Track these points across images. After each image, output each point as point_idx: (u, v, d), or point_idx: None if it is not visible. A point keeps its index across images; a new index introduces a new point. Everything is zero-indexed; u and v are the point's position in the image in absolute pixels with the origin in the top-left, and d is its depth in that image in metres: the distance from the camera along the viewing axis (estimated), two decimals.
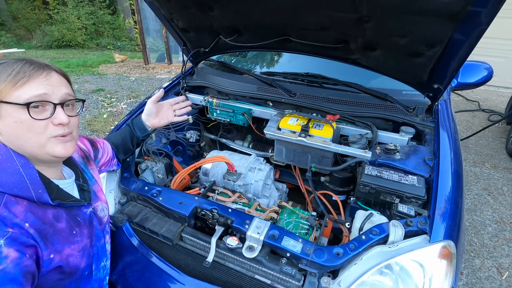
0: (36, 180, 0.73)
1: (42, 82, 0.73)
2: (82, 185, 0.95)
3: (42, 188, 0.74)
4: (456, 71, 1.23)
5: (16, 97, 0.70)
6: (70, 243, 0.81)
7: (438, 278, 0.89)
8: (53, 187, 0.79)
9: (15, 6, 11.83)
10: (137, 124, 1.33)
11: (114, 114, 4.47)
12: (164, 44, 7.12)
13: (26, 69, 0.72)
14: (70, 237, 0.82)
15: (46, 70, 0.75)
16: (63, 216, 0.81)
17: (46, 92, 0.73)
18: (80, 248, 0.85)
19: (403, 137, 1.47)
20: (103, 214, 1.02)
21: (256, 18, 1.41)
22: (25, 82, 0.71)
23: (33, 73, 0.72)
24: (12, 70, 0.71)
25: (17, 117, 0.71)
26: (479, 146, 3.74)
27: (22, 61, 0.73)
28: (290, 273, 1.00)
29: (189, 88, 2.01)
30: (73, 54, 9.57)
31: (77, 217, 0.87)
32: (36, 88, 0.72)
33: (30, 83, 0.72)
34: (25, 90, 0.71)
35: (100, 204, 1.01)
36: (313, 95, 1.66)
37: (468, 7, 0.93)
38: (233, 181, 1.46)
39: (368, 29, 1.18)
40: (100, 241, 0.99)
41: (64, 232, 0.80)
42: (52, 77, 0.76)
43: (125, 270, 1.14)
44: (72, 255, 0.81)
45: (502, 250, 2.22)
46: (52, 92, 0.75)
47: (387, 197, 1.19)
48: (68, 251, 0.80)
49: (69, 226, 0.82)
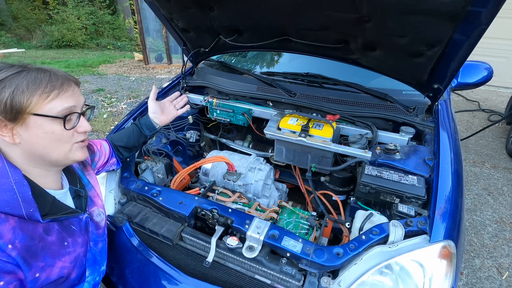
0: (28, 199, 0.73)
1: (70, 95, 0.79)
2: (78, 191, 0.95)
3: (34, 207, 0.74)
4: (456, 71, 1.23)
5: (49, 109, 0.74)
6: (61, 256, 0.81)
7: (438, 278, 0.89)
8: (48, 200, 0.80)
9: (15, 6, 11.83)
10: (145, 123, 1.34)
11: (114, 114, 4.47)
12: (164, 44, 7.12)
13: (55, 82, 0.76)
14: (61, 249, 0.81)
15: (72, 84, 0.81)
16: (54, 229, 0.81)
17: (74, 104, 0.80)
18: (72, 259, 0.85)
19: (403, 137, 1.47)
20: (100, 219, 1.02)
21: (256, 18, 1.41)
22: (56, 95, 0.75)
23: (62, 87, 0.77)
24: (39, 82, 0.73)
25: (48, 128, 0.75)
26: (479, 146, 3.74)
27: (46, 73, 0.76)
28: (290, 273, 1.00)
29: (189, 88, 2.01)
30: (73, 54, 9.56)
31: (72, 226, 0.87)
32: (66, 102, 0.77)
33: (61, 97, 0.76)
34: (57, 103, 0.75)
35: (96, 209, 1.02)
36: (313, 95, 1.66)
37: (468, 7, 0.93)
38: (233, 181, 1.46)
39: (368, 29, 1.18)
40: (98, 246, 0.99)
41: (55, 245, 0.80)
42: (76, 89, 0.82)
43: (125, 270, 1.14)
44: (65, 267, 0.82)
45: (502, 250, 2.22)
46: (78, 103, 0.81)
47: (387, 197, 1.19)
48: (60, 264, 0.80)
49: (60, 238, 0.82)
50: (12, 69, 0.72)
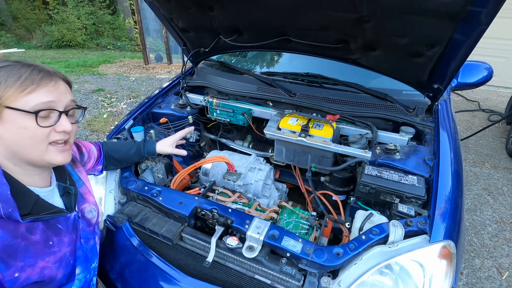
0: (7, 198, 0.70)
1: (50, 90, 0.74)
2: (68, 188, 0.92)
3: (13, 207, 0.71)
4: (456, 71, 1.23)
5: (24, 103, 0.70)
6: (45, 255, 0.78)
7: (438, 278, 0.89)
8: (31, 200, 0.77)
9: (15, 6, 11.83)
10: (148, 150, 1.38)
11: (114, 114, 4.47)
12: (164, 44, 7.11)
13: (35, 76, 0.72)
14: (45, 249, 0.79)
15: (55, 79, 0.76)
16: (38, 228, 0.78)
17: (53, 99, 0.74)
18: (57, 259, 0.82)
19: (403, 137, 1.47)
20: (92, 216, 1.00)
21: (256, 18, 1.41)
22: (33, 89, 0.71)
23: (42, 81, 0.72)
24: (19, 75, 0.70)
25: (21, 124, 0.70)
26: (479, 146, 3.74)
27: (30, 67, 0.73)
28: (290, 273, 1.00)
29: (189, 88, 2.01)
30: (73, 54, 9.56)
31: (58, 225, 0.84)
32: (44, 96, 0.72)
33: (38, 91, 0.71)
34: (33, 97, 0.71)
35: (87, 205, 1.00)
36: (313, 95, 1.66)
37: (468, 7, 0.93)
38: (233, 181, 1.46)
39: (368, 29, 1.18)
40: (89, 243, 0.97)
41: (38, 245, 0.77)
42: (60, 85, 0.77)
43: (125, 270, 1.14)
44: (47, 267, 0.78)
45: (502, 250, 2.22)
46: (59, 100, 0.75)
47: (387, 197, 1.19)
48: (43, 264, 0.77)
49: (45, 237, 0.79)
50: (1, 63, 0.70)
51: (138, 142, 1.39)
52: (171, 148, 1.43)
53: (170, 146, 1.43)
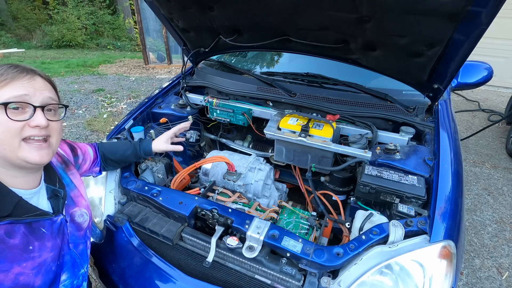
0: None
1: (23, 84, 0.73)
2: (56, 191, 0.89)
3: None
4: (456, 71, 1.23)
5: None
6: (22, 261, 0.74)
7: (438, 278, 0.89)
8: (11, 201, 0.74)
9: (15, 6, 11.83)
10: (144, 149, 1.36)
11: (114, 114, 4.47)
12: (164, 44, 7.12)
13: (10, 71, 0.72)
14: (24, 254, 0.75)
15: (30, 74, 0.75)
16: (19, 231, 0.74)
17: (26, 93, 0.72)
18: (36, 265, 0.77)
19: (403, 137, 1.47)
20: (83, 220, 0.98)
21: (256, 18, 1.41)
22: (6, 83, 0.71)
23: (16, 75, 0.73)
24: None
25: None
26: (479, 146, 3.74)
27: (8, 65, 0.74)
28: (290, 273, 1.00)
29: (189, 88, 2.01)
30: (73, 54, 9.56)
31: (42, 229, 0.80)
32: (16, 89, 0.71)
33: (11, 84, 0.71)
34: (5, 91, 0.70)
35: (78, 209, 0.98)
36: (313, 95, 1.66)
37: (468, 7, 0.93)
38: (233, 181, 1.46)
39: (368, 29, 1.18)
40: (79, 247, 0.95)
41: (16, 249, 0.73)
42: (36, 80, 0.76)
43: (125, 270, 1.14)
44: (23, 273, 0.74)
45: (502, 250, 2.22)
46: (34, 94, 0.74)
47: (387, 197, 1.19)
48: (18, 270, 0.73)
49: (25, 242, 0.75)
50: None
51: (134, 142, 1.37)
52: (166, 145, 1.41)
53: (165, 142, 1.41)
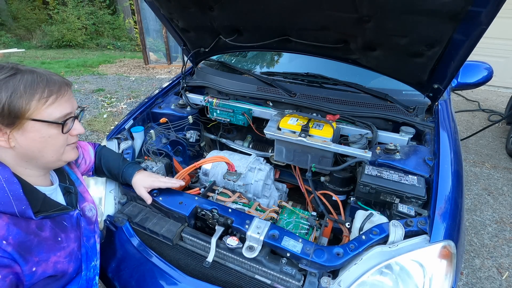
0: (20, 196, 0.74)
1: (67, 100, 0.80)
2: (68, 188, 0.96)
3: (25, 204, 0.74)
4: (456, 71, 1.23)
5: (48, 115, 0.75)
6: (56, 251, 0.82)
7: (438, 278, 0.89)
8: (39, 198, 0.80)
9: (15, 6, 11.82)
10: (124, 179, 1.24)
11: (114, 114, 4.47)
12: (164, 44, 7.11)
13: (52, 87, 0.76)
14: (56, 245, 0.83)
15: (66, 87, 0.81)
16: (47, 225, 0.82)
17: (72, 108, 0.82)
18: (67, 253, 0.86)
19: (403, 137, 1.47)
20: (91, 214, 1.03)
21: (256, 18, 1.41)
22: (54, 100, 0.76)
23: (59, 92, 0.78)
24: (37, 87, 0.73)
25: (46, 133, 0.76)
26: (479, 146, 3.74)
27: (42, 77, 0.75)
28: (290, 273, 1.00)
29: (189, 88, 2.01)
30: (73, 54, 9.56)
31: (64, 222, 0.88)
32: (65, 107, 0.79)
33: (59, 101, 0.77)
34: (55, 108, 0.76)
35: (87, 204, 1.02)
36: (313, 95, 1.66)
37: (468, 7, 0.93)
38: (233, 181, 1.46)
39: (368, 29, 1.18)
40: (90, 241, 0.99)
41: (49, 241, 0.81)
42: (71, 93, 0.84)
43: (125, 270, 1.14)
44: (59, 261, 0.83)
45: (502, 250, 2.22)
46: (74, 107, 0.83)
47: (387, 197, 1.19)
48: (55, 259, 0.81)
49: (54, 234, 0.83)
50: (5, 71, 0.71)
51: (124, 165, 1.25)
52: (143, 190, 1.20)
53: (143, 187, 1.21)
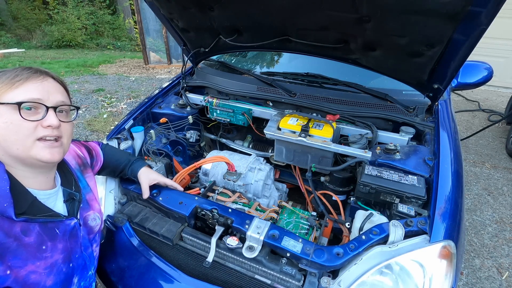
0: (5, 193, 0.70)
1: (37, 86, 0.75)
2: (73, 194, 0.91)
3: (8, 202, 0.70)
4: (456, 71, 1.23)
5: (11, 98, 0.72)
6: (36, 259, 0.76)
7: (438, 278, 0.89)
8: (27, 199, 0.76)
9: (15, 6, 11.82)
10: (132, 171, 1.26)
11: (114, 114, 4.47)
12: (164, 44, 7.11)
13: (24, 72, 0.75)
14: (37, 253, 0.77)
15: (43, 75, 0.78)
16: (34, 230, 0.77)
17: (40, 94, 0.75)
18: (48, 265, 0.79)
19: (403, 137, 1.47)
20: (95, 224, 0.99)
21: (256, 18, 1.41)
22: (21, 84, 0.73)
23: (29, 76, 0.75)
24: (11, 74, 0.74)
25: (8, 118, 0.71)
26: (479, 146, 3.73)
27: (22, 67, 0.77)
28: (290, 273, 1.00)
29: (189, 88, 2.01)
30: (73, 54, 9.55)
31: (56, 230, 0.82)
32: (30, 91, 0.74)
33: (25, 85, 0.74)
34: (19, 91, 0.73)
35: (92, 213, 0.99)
36: (313, 95, 1.66)
37: (468, 7, 0.93)
38: (233, 181, 1.46)
39: (368, 29, 1.18)
40: (88, 251, 0.96)
41: (31, 247, 0.75)
42: (48, 81, 0.78)
43: (125, 270, 1.14)
44: (36, 272, 0.76)
45: (502, 250, 2.22)
46: (47, 98, 0.76)
47: (387, 197, 1.19)
48: (32, 268, 0.75)
49: (39, 241, 0.77)
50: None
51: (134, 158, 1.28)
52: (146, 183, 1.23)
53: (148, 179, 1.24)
